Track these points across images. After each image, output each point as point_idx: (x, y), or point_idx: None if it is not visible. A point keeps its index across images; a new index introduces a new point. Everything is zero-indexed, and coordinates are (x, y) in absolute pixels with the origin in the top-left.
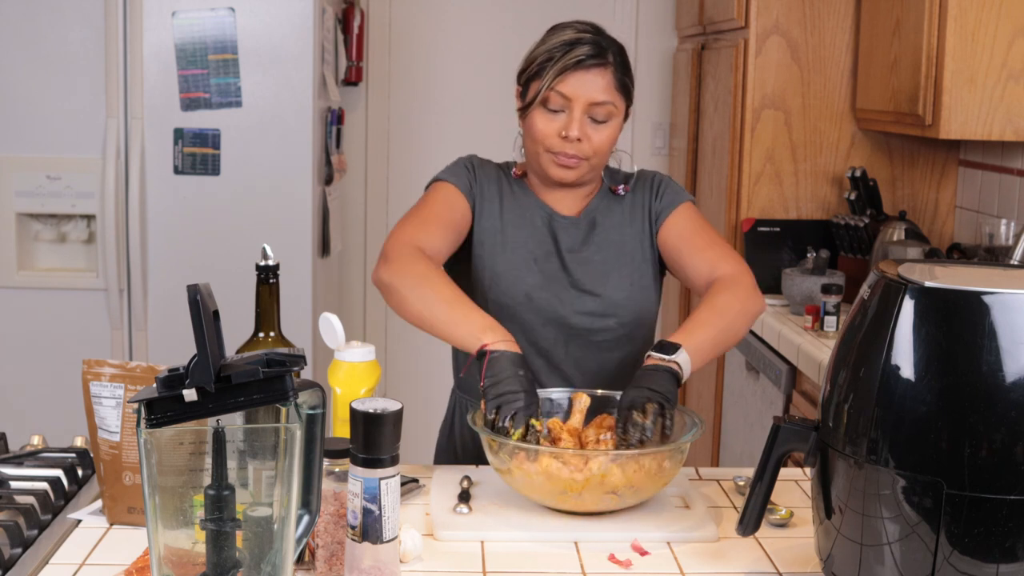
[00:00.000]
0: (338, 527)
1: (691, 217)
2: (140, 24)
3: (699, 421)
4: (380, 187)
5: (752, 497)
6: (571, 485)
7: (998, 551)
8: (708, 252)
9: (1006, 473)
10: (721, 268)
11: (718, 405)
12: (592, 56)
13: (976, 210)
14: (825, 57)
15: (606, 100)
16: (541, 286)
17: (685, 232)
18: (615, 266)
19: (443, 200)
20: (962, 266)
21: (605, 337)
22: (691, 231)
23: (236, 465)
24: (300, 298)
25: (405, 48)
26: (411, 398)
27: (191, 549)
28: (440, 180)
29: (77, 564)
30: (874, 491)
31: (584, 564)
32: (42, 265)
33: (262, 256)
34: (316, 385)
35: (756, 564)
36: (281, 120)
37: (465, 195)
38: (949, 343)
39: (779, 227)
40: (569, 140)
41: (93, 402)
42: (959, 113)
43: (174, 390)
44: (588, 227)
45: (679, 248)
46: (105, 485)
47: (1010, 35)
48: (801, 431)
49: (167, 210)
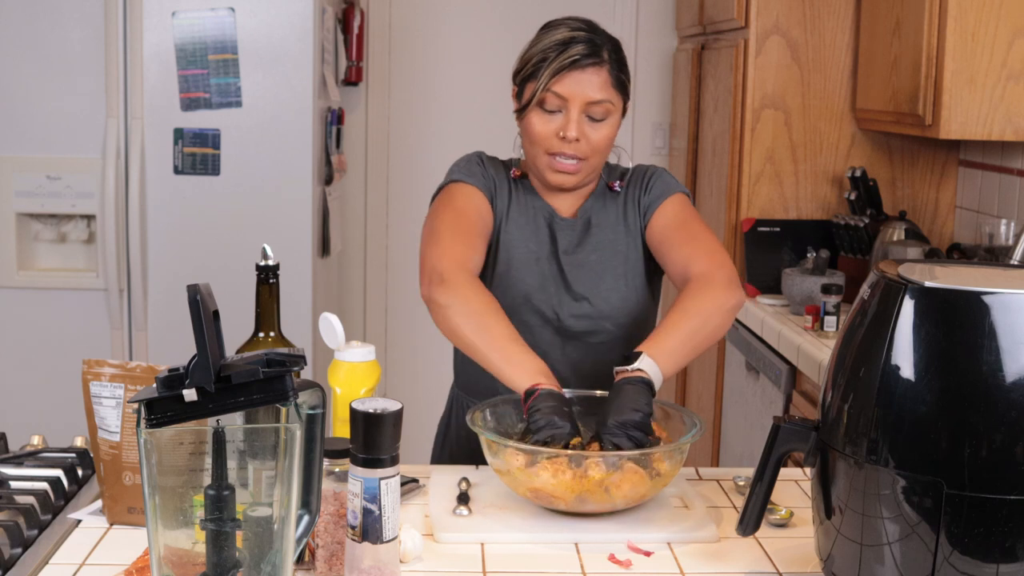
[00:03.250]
0: (338, 527)
1: (677, 211)
2: (140, 24)
3: (699, 422)
4: (380, 187)
5: (752, 497)
6: (571, 487)
7: (998, 551)
8: (685, 248)
9: (1006, 473)
10: (695, 266)
11: (718, 405)
12: (587, 55)
13: (976, 210)
14: (825, 57)
15: (603, 98)
16: (539, 287)
17: (669, 227)
18: (609, 267)
19: (474, 208)
20: (962, 266)
21: (601, 339)
22: (675, 226)
23: (236, 465)
24: (300, 298)
25: (405, 48)
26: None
27: (191, 549)
28: (461, 181)
29: (77, 564)
30: (874, 491)
31: (584, 565)
32: (42, 265)
33: (262, 256)
34: (316, 385)
35: (756, 564)
36: (281, 120)
37: (486, 195)
38: (949, 343)
39: (779, 227)
40: (567, 140)
41: (93, 402)
42: (959, 113)
43: (174, 390)
44: (584, 227)
45: (661, 243)
46: (105, 485)
47: (1010, 35)
48: (801, 431)
49: (167, 210)
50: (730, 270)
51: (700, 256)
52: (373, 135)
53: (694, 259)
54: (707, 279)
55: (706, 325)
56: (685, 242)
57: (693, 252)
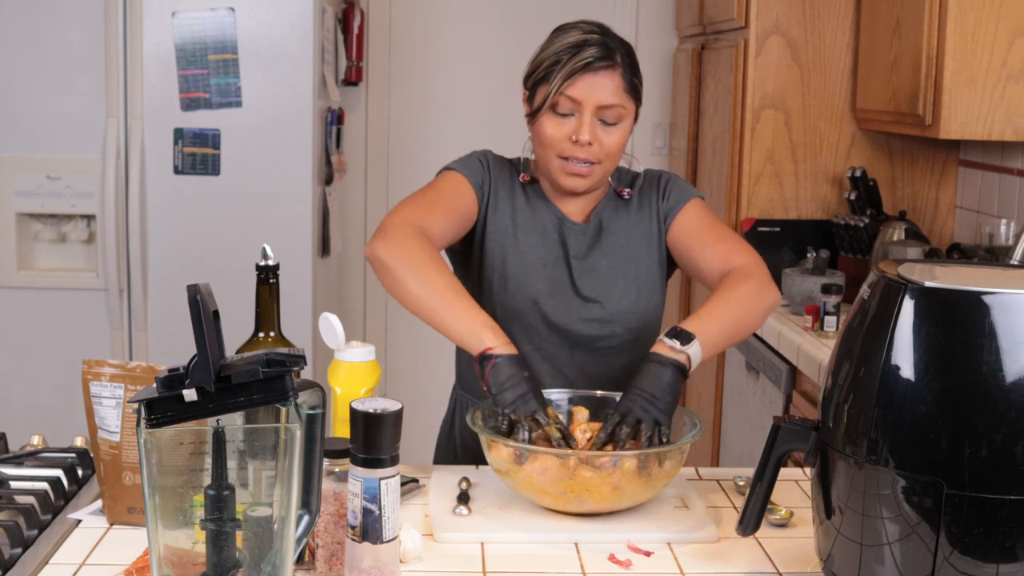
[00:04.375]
0: (338, 527)
1: (700, 214)
2: (140, 24)
3: (699, 422)
4: (380, 187)
5: (752, 497)
6: (571, 487)
7: (998, 551)
8: (721, 246)
9: (1006, 473)
10: (734, 260)
11: (718, 405)
12: (600, 58)
13: (976, 210)
14: (825, 57)
15: (615, 102)
16: (548, 292)
17: (695, 229)
18: (621, 271)
19: (451, 188)
20: (962, 266)
21: (610, 344)
22: (702, 227)
23: (236, 465)
24: (300, 298)
25: (405, 48)
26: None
27: (191, 549)
28: (451, 169)
29: (77, 564)
30: (874, 491)
31: (584, 565)
32: (42, 265)
33: (262, 256)
34: (316, 385)
35: (756, 564)
36: (281, 120)
37: (474, 188)
38: (949, 343)
39: (779, 227)
40: (580, 144)
41: (93, 402)
42: (959, 113)
43: (174, 390)
44: (595, 232)
45: (690, 245)
46: (105, 485)
47: (1010, 35)
48: (801, 431)
49: (167, 210)
50: (767, 270)
51: (739, 253)
52: (373, 135)
53: (732, 254)
54: (748, 273)
55: (747, 317)
56: (719, 240)
57: (730, 249)
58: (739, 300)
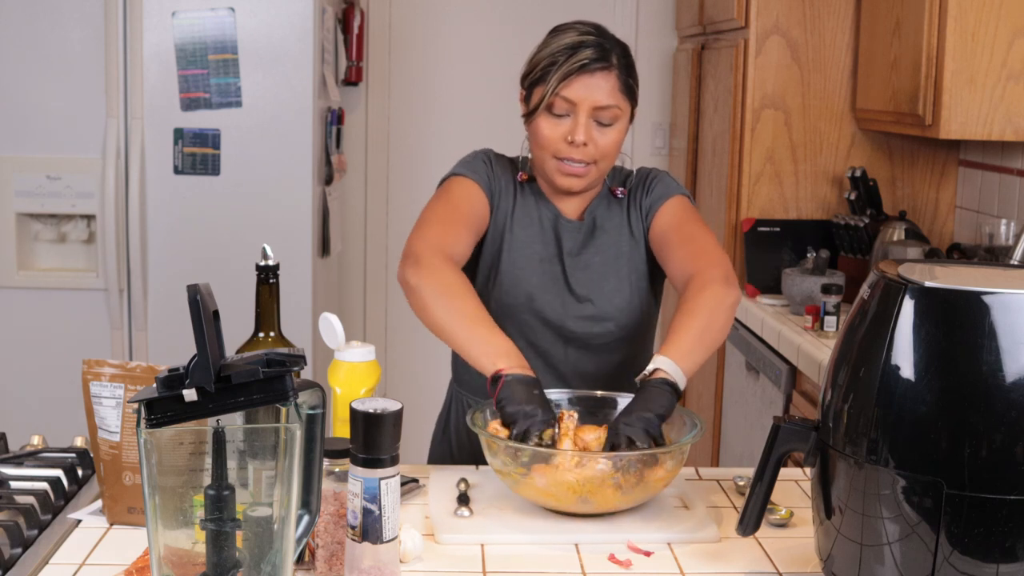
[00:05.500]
0: (338, 527)
1: (676, 212)
2: (140, 24)
3: (699, 422)
4: (380, 187)
5: (752, 497)
6: (572, 488)
7: (998, 551)
8: (681, 250)
9: (1006, 473)
10: (691, 266)
11: (718, 405)
12: (596, 59)
13: (976, 210)
14: (825, 57)
15: (611, 103)
16: (542, 288)
17: (668, 228)
18: (613, 269)
19: (466, 198)
20: (962, 266)
21: (603, 341)
22: (673, 227)
23: (236, 465)
24: (300, 298)
25: (405, 48)
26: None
27: (191, 549)
28: (460, 175)
29: (77, 564)
30: (874, 491)
31: (584, 565)
32: (42, 265)
33: (262, 256)
34: (316, 385)
35: (756, 564)
36: (281, 120)
37: (485, 192)
38: (949, 343)
39: (779, 227)
40: (575, 145)
41: (93, 402)
42: (959, 113)
43: (174, 390)
44: (589, 230)
45: (662, 247)
46: (105, 485)
47: (1010, 35)
48: (801, 431)
49: (167, 210)
50: (725, 267)
51: (696, 256)
52: (373, 135)
53: (690, 260)
54: (704, 278)
55: (713, 322)
56: (682, 243)
57: (689, 253)
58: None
